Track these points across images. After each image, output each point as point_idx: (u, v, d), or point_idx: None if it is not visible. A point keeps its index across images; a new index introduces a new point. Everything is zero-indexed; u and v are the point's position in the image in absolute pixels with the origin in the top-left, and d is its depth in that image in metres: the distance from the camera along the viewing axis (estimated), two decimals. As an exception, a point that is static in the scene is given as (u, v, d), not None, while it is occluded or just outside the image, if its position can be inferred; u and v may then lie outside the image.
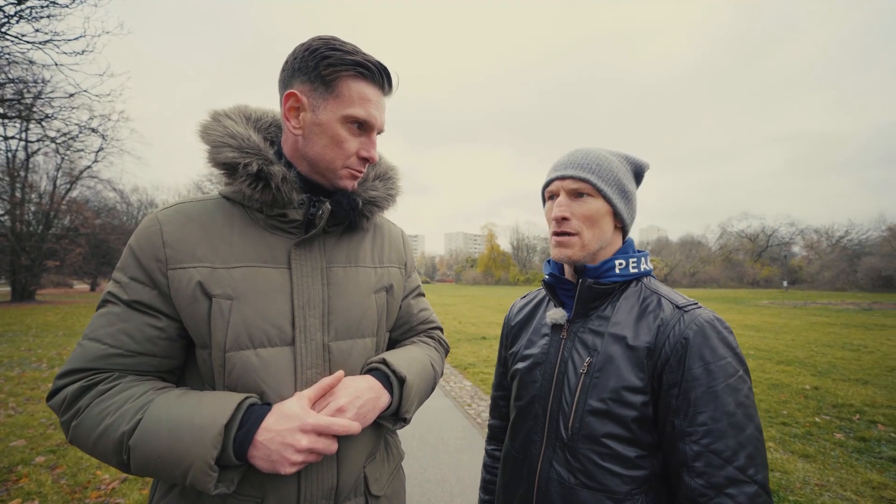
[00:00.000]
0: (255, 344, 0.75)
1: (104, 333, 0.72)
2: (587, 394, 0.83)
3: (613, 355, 0.83)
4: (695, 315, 0.80)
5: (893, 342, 9.18)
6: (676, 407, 0.77)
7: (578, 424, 0.83)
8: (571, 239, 0.88)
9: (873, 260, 43.43)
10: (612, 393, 0.81)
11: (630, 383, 0.80)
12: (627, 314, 0.86)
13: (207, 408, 0.67)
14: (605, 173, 0.88)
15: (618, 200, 0.89)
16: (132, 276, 0.75)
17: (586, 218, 0.87)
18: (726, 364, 0.76)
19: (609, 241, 0.91)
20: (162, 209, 0.80)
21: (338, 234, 0.90)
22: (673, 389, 0.77)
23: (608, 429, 0.81)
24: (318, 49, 0.76)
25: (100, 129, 16.52)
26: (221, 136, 0.78)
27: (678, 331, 0.79)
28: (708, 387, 0.75)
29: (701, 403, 0.74)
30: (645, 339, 0.81)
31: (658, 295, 0.87)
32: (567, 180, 0.89)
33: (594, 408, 0.82)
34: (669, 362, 0.78)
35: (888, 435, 3.98)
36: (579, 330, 0.90)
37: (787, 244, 65.08)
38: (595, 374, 0.83)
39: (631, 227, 0.95)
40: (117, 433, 0.66)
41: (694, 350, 0.77)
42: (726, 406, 0.74)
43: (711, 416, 0.73)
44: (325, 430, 0.69)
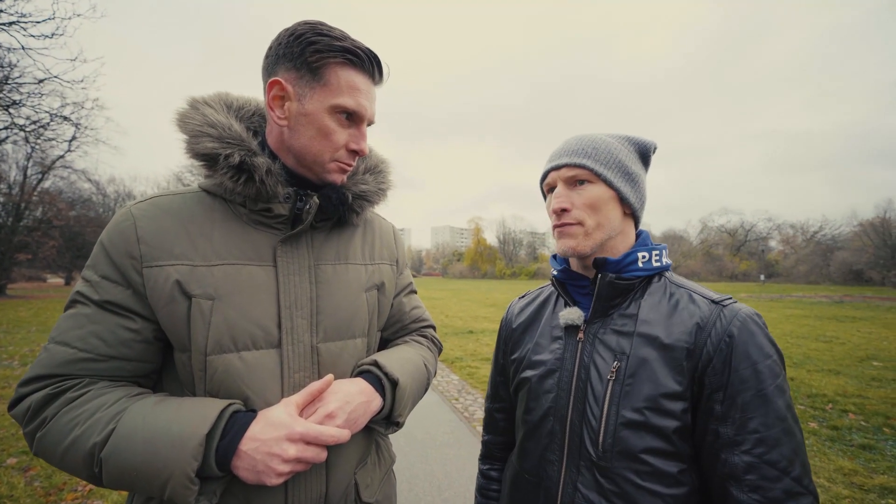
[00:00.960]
0: (239, 347, 0.71)
1: (73, 336, 0.67)
2: (619, 404, 0.73)
3: (647, 358, 0.74)
4: (735, 310, 0.73)
5: (863, 334, 9.56)
6: (721, 413, 0.68)
7: (612, 440, 0.73)
8: (573, 228, 0.80)
9: (845, 254, 45.12)
10: (650, 401, 0.72)
11: (669, 389, 0.71)
12: (656, 311, 0.77)
13: (187, 416, 0.63)
14: (604, 156, 0.81)
15: (621, 183, 0.81)
16: (103, 275, 0.70)
17: (588, 206, 0.80)
18: (773, 364, 0.69)
19: (619, 230, 0.83)
20: (136, 202, 0.75)
21: (326, 230, 0.86)
22: (717, 394, 0.69)
23: (647, 443, 0.71)
24: (304, 34, 0.72)
25: (72, 118, 15.83)
26: (200, 126, 0.73)
27: (720, 328, 0.71)
28: (757, 389, 0.67)
29: (751, 408, 0.66)
30: (682, 338, 0.73)
31: (686, 290, 0.79)
32: (563, 169, 0.82)
33: (629, 419, 0.72)
34: (713, 363, 0.70)
35: (858, 423, 4.14)
36: (599, 331, 0.80)
37: (765, 239, 66.99)
38: (626, 381, 0.74)
39: (642, 213, 0.87)
40: (88, 444, 0.61)
41: (740, 349, 0.69)
42: (778, 410, 0.66)
43: (764, 422, 0.66)
44: (313, 439, 0.66)
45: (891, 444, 3.64)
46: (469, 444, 3.71)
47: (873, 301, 19.93)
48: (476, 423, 4.26)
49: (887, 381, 5.54)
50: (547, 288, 1.01)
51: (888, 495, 2.85)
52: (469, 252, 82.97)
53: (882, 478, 3.06)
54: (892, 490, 2.90)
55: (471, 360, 6.92)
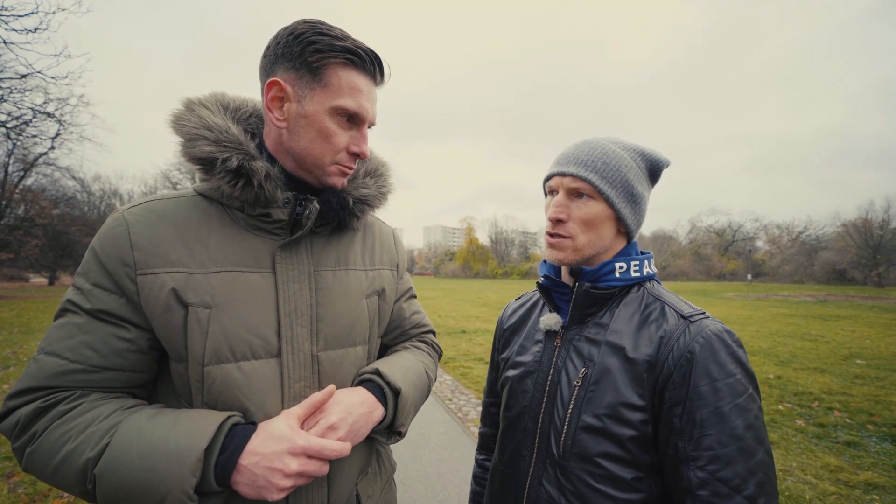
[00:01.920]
0: (237, 357, 0.69)
1: (64, 347, 0.65)
2: (581, 408, 0.76)
3: (610, 367, 0.76)
4: (701, 326, 0.73)
5: (846, 332, 9.77)
6: (680, 428, 0.70)
7: (571, 441, 0.76)
8: (563, 241, 0.81)
9: (829, 254, 46.11)
10: (609, 409, 0.74)
11: (628, 399, 0.73)
12: (627, 322, 0.79)
13: (185, 429, 0.61)
14: (611, 173, 0.80)
15: (622, 205, 0.81)
16: (95, 283, 0.68)
17: (584, 221, 0.80)
18: (735, 382, 0.70)
19: (608, 247, 0.84)
20: (129, 207, 0.73)
21: (326, 235, 0.84)
22: (676, 408, 0.71)
23: (603, 447, 0.74)
24: (303, 33, 0.70)
25: (56, 114, 15.49)
26: (196, 128, 0.71)
27: (682, 343, 0.72)
28: (715, 407, 0.68)
29: (707, 425, 0.68)
30: (645, 352, 0.75)
31: (661, 302, 0.80)
32: (567, 177, 0.81)
33: (588, 424, 0.75)
34: (672, 378, 0.71)
35: (843, 420, 4.24)
36: (574, 338, 0.83)
37: (752, 239, 68.08)
38: (590, 388, 0.77)
39: (637, 232, 0.87)
40: (80, 460, 0.59)
41: (700, 365, 0.70)
42: (735, 429, 0.67)
43: (718, 439, 0.67)
44: (316, 453, 0.64)
45: (874, 441, 3.73)
46: (463, 444, 3.71)
47: (856, 300, 20.40)
48: (470, 423, 4.25)
49: (870, 379, 5.67)
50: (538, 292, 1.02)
51: (873, 491, 2.92)
52: (461, 251, 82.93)
53: (867, 474, 3.13)
54: (877, 486, 2.97)
55: (464, 360, 6.92)
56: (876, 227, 43.47)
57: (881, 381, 5.59)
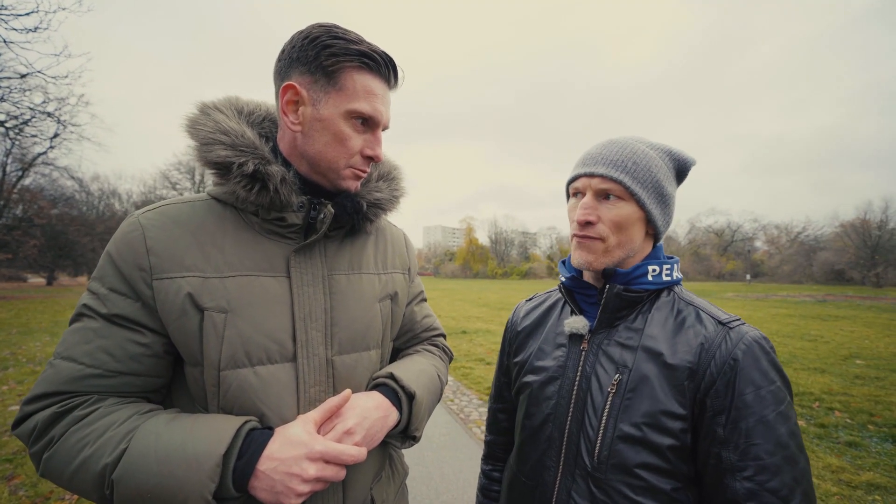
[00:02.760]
0: (253, 361, 0.69)
1: (80, 352, 0.65)
2: (617, 417, 0.73)
3: (648, 374, 0.74)
4: (741, 333, 0.72)
5: (845, 332, 9.80)
6: (724, 437, 0.68)
7: (608, 452, 0.73)
8: (594, 243, 0.78)
9: (827, 254, 46.28)
10: (648, 417, 0.72)
11: (668, 407, 0.71)
12: (662, 327, 0.76)
13: (202, 434, 0.61)
14: (642, 174, 0.77)
15: (653, 206, 0.78)
16: (111, 287, 0.67)
17: (614, 224, 0.77)
18: (777, 389, 0.69)
19: (637, 249, 0.81)
20: (144, 211, 0.73)
21: (339, 239, 0.84)
22: (719, 417, 0.69)
23: (642, 458, 0.71)
24: (318, 37, 0.70)
25: (56, 114, 15.45)
26: (212, 132, 0.71)
27: (725, 350, 0.70)
28: (760, 415, 0.67)
29: (753, 434, 0.66)
30: (685, 358, 0.72)
31: (695, 307, 0.78)
32: (596, 178, 0.78)
33: (626, 433, 0.72)
34: (715, 386, 0.69)
35: (844, 421, 4.24)
36: (604, 342, 0.80)
37: (751, 239, 68.32)
38: (627, 395, 0.74)
39: (665, 233, 0.85)
40: (98, 466, 0.59)
41: (744, 373, 0.68)
42: (780, 437, 0.66)
43: (766, 448, 0.65)
44: (334, 458, 0.64)
45: (875, 441, 3.74)
46: (465, 445, 3.71)
47: (854, 300, 20.47)
48: (472, 424, 4.25)
49: (870, 379, 5.69)
50: (555, 292, 0.99)
51: (875, 492, 2.92)
52: (461, 252, 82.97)
53: (868, 474, 3.13)
54: (879, 486, 2.97)
55: (465, 361, 6.92)
56: (874, 227, 43.67)
57: (881, 381, 5.60)
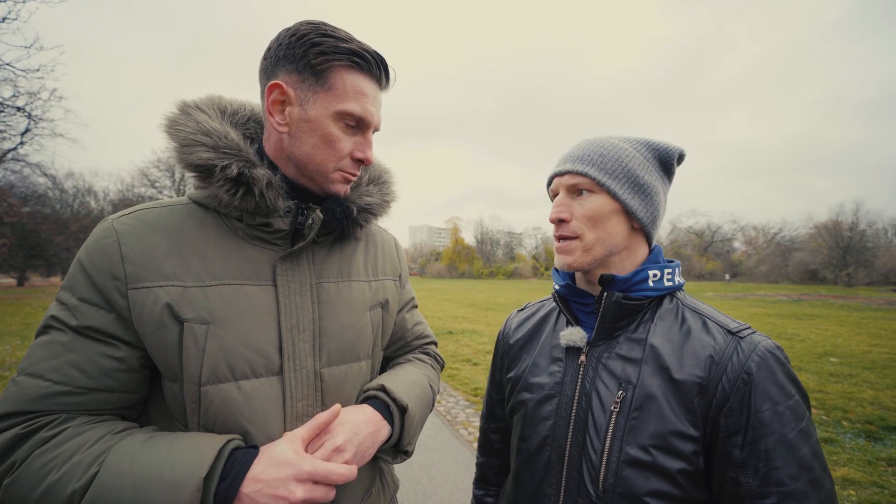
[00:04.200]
0: (237, 375, 0.65)
1: (47, 367, 0.60)
2: (622, 439, 0.68)
3: (654, 390, 0.68)
4: (753, 343, 0.66)
5: (820, 331, 10.12)
6: (741, 460, 0.62)
7: (613, 479, 0.67)
8: (571, 243, 0.75)
9: (802, 255, 47.81)
10: (657, 439, 0.66)
11: (678, 428, 0.65)
12: (666, 338, 0.71)
13: (181, 456, 0.57)
14: (610, 164, 0.74)
15: (627, 195, 0.74)
16: (82, 297, 0.63)
17: (587, 218, 0.74)
18: (795, 404, 0.63)
19: (623, 245, 0.77)
20: (119, 216, 0.68)
21: (328, 245, 0.81)
22: (735, 437, 0.63)
23: (652, 485, 0.65)
24: (307, 35, 0.67)
25: (27, 108, 14.86)
26: (193, 133, 0.67)
27: (737, 363, 0.65)
28: (780, 435, 0.61)
29: (774, 456, 0.61)
30: (694, 372, 0.67)
31: (700, 315, 0.73)
32: (566, 176, 0.76)
33: (633, 458, 0.66)
34: (729, 403, 0.64)
35: (820, 418, 4.38)
36: (603, 355, 0.75)
37: (730, 240, 70.04)
38: (632, 414, 0.68)
39: (656, 228, 0.80)
40: (66, 492, 0.54)
41: (760, 388, 0.63)
42: (803, 458, 0.61)
43: (788, 472, 0.60)
44: (323, 478, 0.61)
45: (849, 437, 3.86)
46: (452, 448, 3.69)
47: (828, 299, 21.18)
48: (459, 426, 4.24)
49: (844, 377, 5.88)
50: (548, 301, 0.95)
51: (849, 486, 3.01)
52: (447, 252, 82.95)
53: (843, 470, 3.23)
54: (853, 481, 3.06)
55: (451, 362, 6.90)
56: (846, 229, 45.34)
57: (854, 378, 5.80)
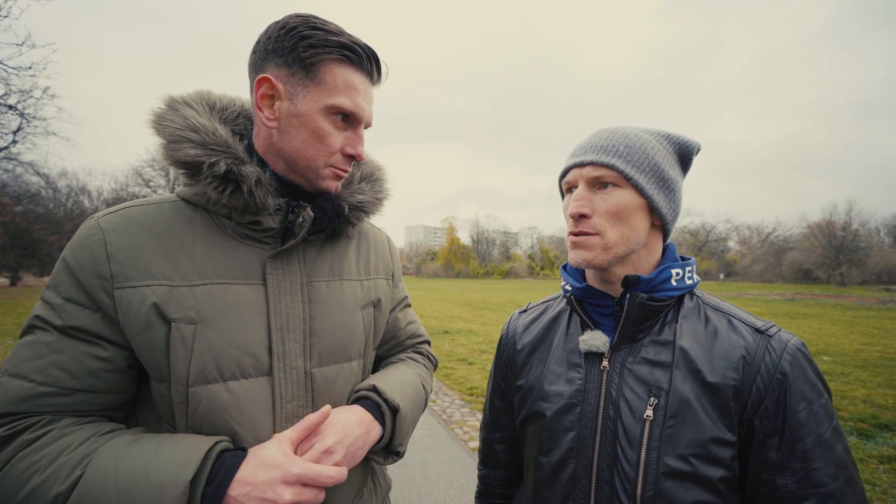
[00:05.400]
0: (225, 376, 0.64)
1: (31, 368, 0.59)
2: (660, 449, 0.64)
3: (688, 396, 0.65)
4: (782, 341, 0.65)
5: (813, 330, 10.21)
6: (779, 462, 0.61)
7: (652, 492, 0.63)
8: (591, 239, 0.70)
9: (795, 254, 48.26)
10: (697, 447, 0.63)
11: (717, 434, 0.63)
12: (694, 339, 0.68)
13: (167, 458, 0.56)
14: (637, 156, 0.70)
15: (654, 191, 0.70)
16: (67, 297, 0.62)
17: (612, 214, 0.69)
18: (826, 402, 0.63)
19: (643, 243, 0.73)
20: (105, 214, 0.67)
21: (319, 243, 0.80)
22: (771, 439, 0.62)
23: (694, 495, 0.62)
24: (296, 27, 0.66)
25: (19, 107, 14.71)
26: (181, 129, 0.66)
27: (770, 363, 0.63)
28: (817, 434, 0.60)
29: (813, 457, 0.60)
30: (728, 374, 0.64)
31: (724, 313, 0.71)
32: (587, 167, 0.70)
33: (673, 469, 0.63)
34: (764, 404, 0.62)
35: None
36: (627, 360, 0.71)
37: (724, 240, 70.53)
38: (668, 422, 0.65)
39: (674, 226, 0.76)
40: (49, 495, 0.53)
41: (795, 387, 0.62)
42: (839, 457, 0.60)
43: (828, 472, 0.60)
44: (311, 480, 0.60)
45: (842, 435, 3.90)
46: (447, 447, 3.69)
47: (821, 298, 21.38)
48: (454, 425, 4.23)
49: (836, 375, 5.92)
50: (554, 302, 0.89)
51: (842, 484, 3.04)
52: (443, 251, 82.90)
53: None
54: (846, 479, 3.09)
55: (447, 361, 6.89)
56: (839, 228, 45.80)
57: (846, 376, 5.85)
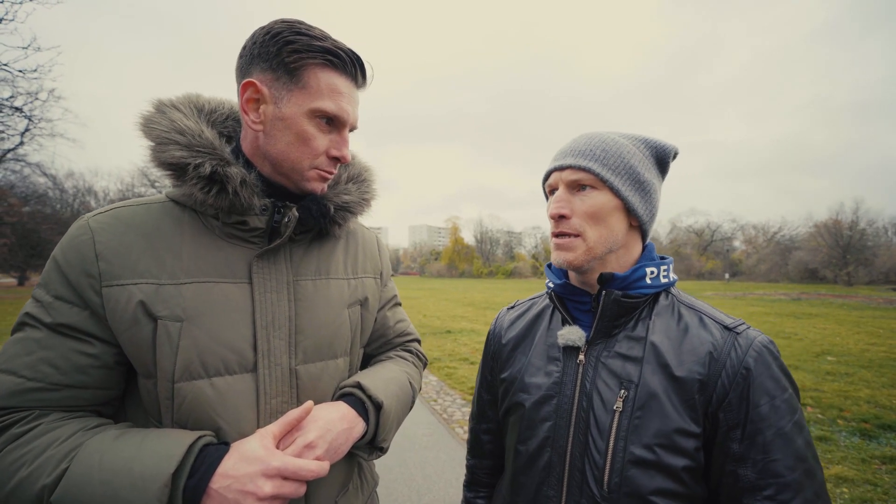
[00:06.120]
0: (210, 372, 0.66)
1: (21, 364, 0.61)
2: (626, 439, 0.67)
3: (656, 388, 0.68)
4: (749, 338, 0.68)
5: (818, 330, 10.13)
6: (740, 454, 0.64)
7: (619, 479, 0.67)
8: (573, 241, 0.74)
9: (802, 254, 47.81)
10: (661, 437, 0.66)
11: (681, 425, 0.66)
12: (665, 335, 0.71)
13: (151, 452, 0.58)
14: (613, 160, 0.74)
15: (629, 192, 0.74)
16: (57, 295, 0.64)
17: (589, 215, 0.73)
18: (790, 397, 0.65)
19: (621, 243, 0.77)
20: (95, 214, 0.69)
21: (306, 243, 0.81)
22: (734, 432, 0.64)
23: (657, 483, 0.66)
24: (280, 33, 0.67)
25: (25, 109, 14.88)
26: (167, 132, 0.68)
27: (735, 359, 0.66)
28: (777, 428, 0.63)
29: (772, 449, 0.62)
30: (694, 369, 0.67)
31: (696, 311, 0.74)
32: (566, 171, 0.75)
33: (638, 457, 0.66)
34: (728, 398, 0.65)
35: (815, 416, 4.38)
36: (602, 354, 0.74)
37: (729, 239, 70.09)
38: (635, 413, 0.68)
39: (652, 226, 0.80)
40: (35, 487, 0.55)
41: (758, 382, 0.64)
42: (799, 450, 0.62)
43: (786, 464, 0.62)
44: (292, 474, 0.61)
45: (844, 436, 3.86)
46: (448, 446, 3.70)
47: (827, 298, 21.18)
48: (455, 424, 4.25)
49: (840, 375, 5.88)
50: (539, 299, 0.94)
51: (843, 484, 3.02)
52: (447, 251, 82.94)
53: (837, 468, 3.24)
54: (846, 479, 3.07)
55: (449, 361, 6.91)
56: (845, 227, 45.35)
57: (850, 377, 5.80)
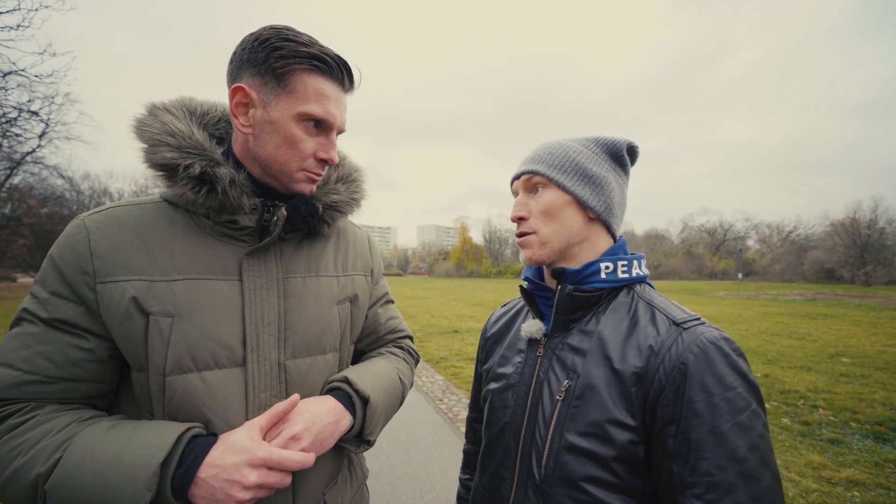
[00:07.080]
0: (200, 366, 0.68)
1: (18, 357, 0.64)
2: (564, 426, 0.70)
3: (595, 380, 0.70)
4: (696, 334, 0.66)
5: (833, 331, 9.91)
6: (674, 450, 0.63)
7: (553, 463, 0.69)
8: (529, 238, 0.79)
9: (817, 253, 46.79)
10: (594, 427, 0.67)
11: (615, 416, 0.67)
12: (614, 329, 0.73)
13: (141, 442, 0.60)
14: (558, 160, 0.79)
15: (576, 187, 0.77)
16: (53, 291, 0.67)
17: (542, 212, 0.78)
18: (735, 396, 0.62)
19: (582, 236, 0.79)
20: (90, 213, 0.72)
21: (296, 241, 0.83)
22: (669, 427, 0.63)
23: (588, 471, 0.67)
24: (268, 39, 0.70)
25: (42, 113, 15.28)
26: (159, 134, 0.70)
27: (675, 354, 0.65)
28: (712, 426, 0.61)
29: (704, 447, 0.60)
30: (633, 363, 0.68)
31: (652, 307, 0.74)
32: (522, 177, 0.82)
33: (572, 444, 0.68)
34: (665, 393, 0.64)
35: (827, 418, 4.30)
36: (557, 346, 0.77)
37: (743, 238, 68.90)
38: (574, 402, 0.70)
39: (615, 218, 0.82)
40: (30, 476, 0.58)
41: (694, 378, 0.63)
42: (735, 451, 0.60)
43: (716, 463, 0.60)
44: (276, 464, 0.63)
45: (857, 438, 3.79)
46: (453, 445, 3.71)
47: (844, 298, 20.70)
48: (460, 423, 4.25)
49: (855, 377, 5.76)
50: None
51: (854, 488, 2.96)
52: (455, 251, 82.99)
53: (848, 471, 3.17)
54: (858, 483, 3.01)
55: (455, 360, 6.92)
56: (863, 226, 44.22)
57: (865, 378, 5.68)
